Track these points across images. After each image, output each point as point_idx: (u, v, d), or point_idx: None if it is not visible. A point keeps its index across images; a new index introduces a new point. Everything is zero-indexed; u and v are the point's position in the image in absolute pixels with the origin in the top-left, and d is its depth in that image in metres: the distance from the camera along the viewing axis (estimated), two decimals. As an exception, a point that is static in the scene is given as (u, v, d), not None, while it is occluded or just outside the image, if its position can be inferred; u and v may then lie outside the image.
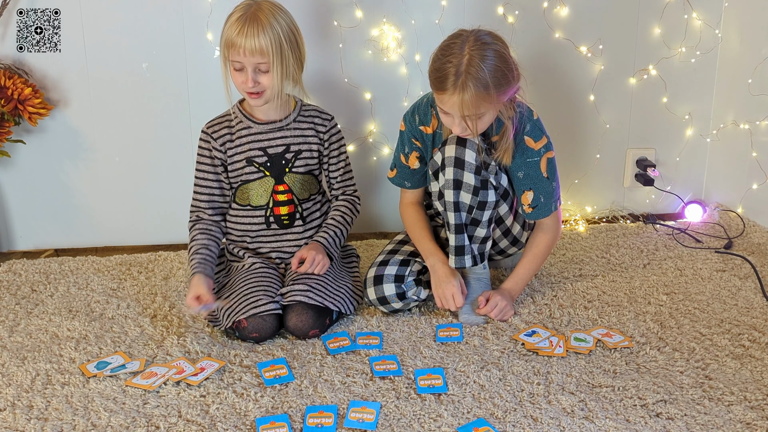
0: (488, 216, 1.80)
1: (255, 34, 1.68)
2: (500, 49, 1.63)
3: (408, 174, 1.93)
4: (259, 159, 1.84)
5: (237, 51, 1.70)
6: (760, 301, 1.89)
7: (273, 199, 1.86)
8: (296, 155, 1.86)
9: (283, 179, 1.85)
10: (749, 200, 2.38)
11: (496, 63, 1.61)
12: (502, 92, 1.64)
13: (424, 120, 1.85)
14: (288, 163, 1.85)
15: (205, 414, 1.44)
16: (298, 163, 1.86)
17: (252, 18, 1.69)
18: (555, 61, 2.35)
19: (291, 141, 1.85)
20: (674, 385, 1.52)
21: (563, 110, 2.42)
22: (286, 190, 1.86)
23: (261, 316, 1.68)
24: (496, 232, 1.90)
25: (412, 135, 1.87)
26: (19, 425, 1.40)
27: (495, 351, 1.66)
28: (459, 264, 1.80)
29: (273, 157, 1.84)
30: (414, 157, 1.89)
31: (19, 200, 2.26)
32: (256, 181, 1.84)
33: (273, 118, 1.85)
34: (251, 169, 1.84)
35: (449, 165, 1.74)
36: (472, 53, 1.59)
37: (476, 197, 1.76)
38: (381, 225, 2.44)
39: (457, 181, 1.74)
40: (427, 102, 1.85)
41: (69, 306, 1.89)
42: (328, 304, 1.74)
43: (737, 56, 2.37)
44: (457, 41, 1.62)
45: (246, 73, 1.72)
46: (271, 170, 1.85)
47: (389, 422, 1.41)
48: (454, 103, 1.62)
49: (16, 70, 2.11)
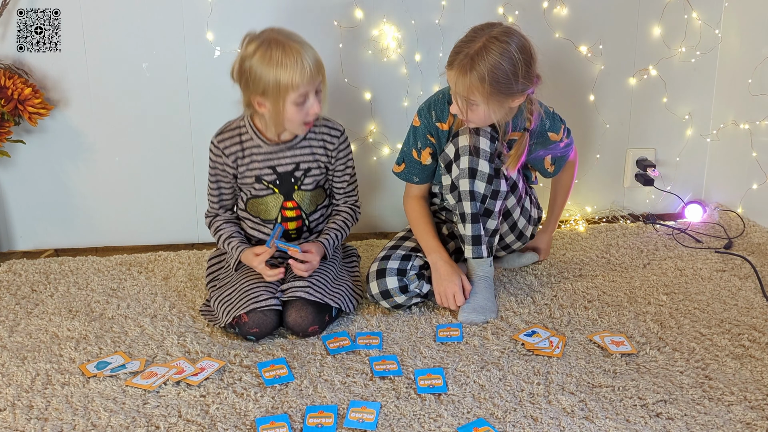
0: (499, 206, 1.83)
1: (307, 56, 1.67)
2: (514, 53, 1.64)
3: (418, 169, 1.93)
4: (268, 177, 1.84)
5: (303, 85, 1.67)
6: (760, 301, 1.89)
7: (281, 215, 1.86)
8: (306, 173, 1.85)
9: (291, 196, 1.86)
10: (749, 200, 2.38)
11: (501, 63, 1.63)
12: (499, 93, 1.66)
13: (441, 116, 1.86)
14: (297, 181, 1.85)
15: (205, 414, 1.44)
16: (307, 181, 1.86)
17: (290, 46, 1.67)
18: (555, 61, 2.35)
19: (301, 159, 1.84)
20: (674, 385, 1.52)
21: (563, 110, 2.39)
22: (294, 207, 1.86)
23: (261, 311, 1.68)
24: (504, 226, 1.91)
25: (427, 131, 1.88)
26: (19, 425, 1.40)
27: (495, 351, 1.66)
28: (476, 254, 1.81)
29: (282, 176, 1.84)
30: (427, 153, 1.90)
31: (19, 200, 2.26)
32: (264, 198, 1.86)
33: (284, 138, 1.83)
34: (260, 186, 1.84)
35: (464, 154, 1.76)
36: (486, 43, 1.64)
37: (490, 186, 1.78)
38: (381, 225, 2.44)
39: (472, 170, 1.76)
40: (443, 98, 1.86)
41: (69, 306, 1.89)
42: (328, 300, 1.74)
43: (737, 56, 2.37)
44: (485, 28, 1.67)
45: (309, 101, 1.71)
46: (281, 188, 1.85)
47: (389, 422, 1.41)
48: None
49: (16, 70, 2.10)
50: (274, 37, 1.68)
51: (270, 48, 1.67)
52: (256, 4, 2.16)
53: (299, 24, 2.18)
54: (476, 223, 1.79)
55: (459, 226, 1.82)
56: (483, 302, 1.81)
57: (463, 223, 1.81)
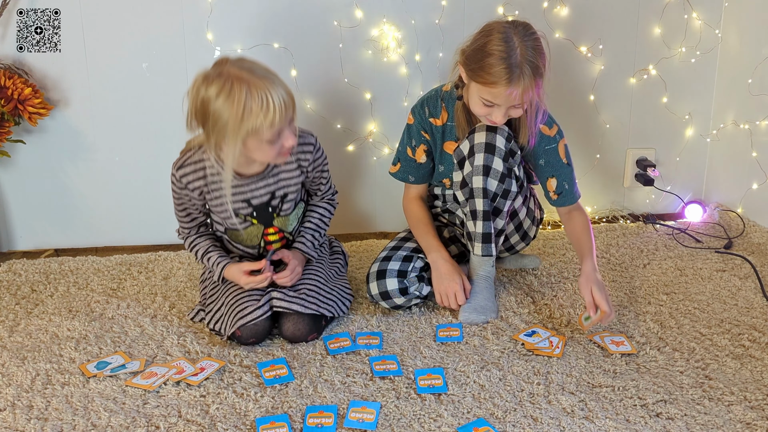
0: (508, 206, 1.82)
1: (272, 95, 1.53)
2: (543, 43, 1.67)
3: (413, 168, 1.93)
4: (244, 210, 1.75)
5: (275, 125, 1.55)
6: (760, 301, 1.89)
7: (264, 240, 1.82)
8: (282, 199, 1.77)
9: (272, 223, 1.80)
10: (749, 200, 2.38)
11: (540, 59, 1.64)
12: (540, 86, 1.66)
13: (434, 112, 1.86)
14: (275, 209, 1.78)
15: (205, 414, 1.44)
16: (285, 206, 1.79)
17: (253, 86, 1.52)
18: (555, 61, 2.34)
19: (275, 187, 1.75)
20: (674, 385, 1.52)
21: (563, 110, 2.41)
22: (276, 231, 1.81)
23: (252, 323, 1.67)
24: (510, 226, 1.91)
25: (421, 127, 1.88)
26: (19, 425, 1.40)
27: (495, 351, 1.66)
28: (486, 251, 1.81)
29: (258, 207, 1.76)
30: (421, 150, 1.90)
31: (19, 200, 2.26)
32: (244, 230, 1.78)
33: (255, 170, 1.72)
34: (237, 220, 1.76)
35: (479, 151, 1.75)
36: (522, 48, 1.61)
37: (502, 185, 1.77)
38: (381, 225, 2.43)
39: (486, 167, 1.75)
40: (437, 95, 1.87)
41: (69, 306, 1.89)
42: (323, 310, 1.73)
43: (737, 56, 2.37)
44: (497, 34, 1.63)
45: (284, 136, 1.60)
46: (259, 218, 1.77)
47: (389, 422, 1.41)
48: (502, 93, 1.63)
49: (16, 70, 2.10)
50: (236, 75, 1.53)
51: (233, 89, 1.52)
52: (256, 4, 2.16)
53: (299, 24, 2.19)
54: (487, 220, 1.79)
55: (469, 223, 1.82)
56: (483, 302, 1.81)
57: (474, 220, 1.80)
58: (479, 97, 1.68)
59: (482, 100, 1.68)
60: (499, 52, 1.61)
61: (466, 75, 1.70)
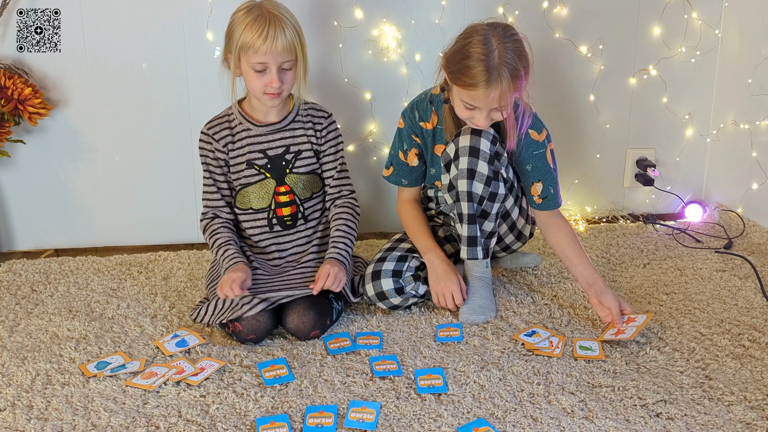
0: (497, 209, 1.81)
1: (280, 33, 1.70)
2: (524, 45, 1.65)
3: (406, 171, 1.93)
4: (260, 161, 1.84)
5: (261, 53, 1.70)
6: (760, 301, 1.89)
7: (275, 201, 1.86)
8: (296, 156, 1.86)
9: (284, 180, 1.86)
10: (749, 200, 2.38)
11: (519, 62, 1.62)
12: (520, 88, 1.65)
13: (424, 116, 1.86)
14: (288, 164, 1.85)
15: (205, 414, 1.44)
16: (298, 164, 1.86)
17: (271, 17, 1.71)
18: (555, 61, 2.35)
19: (290, 142, 1.86)
20: (674, 385, 1.52)
21: (563, 110, 2.42)
22: (287, 191, 1.86)
23: (254, 316, 1.67)
24: (503, 227, 1.91)
25: (411, 131, 1.88)
26: (19, 425, 1.40)
27: (495, 351, 1.66)
28: (471, 255, 1.81)
29: (273, 159, 1.84)
30: (413, 154, 1.90)
31: (19, 200, 2.26)
32: (256, 184, 1.85)
33: (272, 119, 1.85)
34: (252, 172, 1.84)
35: (464, 155, 1.74)
36: (500, 49, 1.60)
37: (488, 188, 1.77)
38: (381, 225, 2.43)
39: (471, 171, 1.74)
40: (426, 98, 1.87)
41: (69, 306, 1.89)
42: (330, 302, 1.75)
43: (737, 56, 2.37)
44: (477, 36, 1.62)
45: (270, 74, 1.73)
46: (272, 172, 1.85)
47: (389, 422, 1.41)
48: (481, 96, 1.63)
49: (16, 70, 2.11)
50: (264, 4, 1.74)
51: (252, 11, 1.72)
52: (256, 4, 2.16)
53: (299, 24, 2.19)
54: (473, 224, 1.79)
55: (456, 226, 1.83)
56: (482, 302, 1.81)
57: (460, 223, 1.81)
58: (460, 100, 1.68)
59: (463, 103, 1.68)
60: (477, 54, 1.61)
61: (448, 78, 1.69)
